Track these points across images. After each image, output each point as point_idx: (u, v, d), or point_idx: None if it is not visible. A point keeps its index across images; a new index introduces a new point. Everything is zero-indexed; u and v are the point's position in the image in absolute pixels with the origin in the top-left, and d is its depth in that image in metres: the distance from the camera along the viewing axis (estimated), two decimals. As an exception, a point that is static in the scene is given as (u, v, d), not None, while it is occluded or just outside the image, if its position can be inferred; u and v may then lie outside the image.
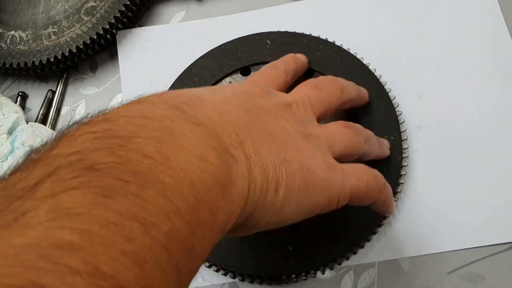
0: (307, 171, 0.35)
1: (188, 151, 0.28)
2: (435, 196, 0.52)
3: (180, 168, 0.27)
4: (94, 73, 0.65)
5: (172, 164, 0.27)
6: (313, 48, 0.57)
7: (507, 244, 0.50)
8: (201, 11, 0.65)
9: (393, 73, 0.57)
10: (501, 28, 0.58)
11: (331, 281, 0.51)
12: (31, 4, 0.64)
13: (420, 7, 0.60)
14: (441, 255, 0.50)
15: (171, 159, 0.27)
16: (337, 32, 0.59)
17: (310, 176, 0.35)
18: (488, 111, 0.55)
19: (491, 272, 0.49)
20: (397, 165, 0.51)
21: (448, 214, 0.51)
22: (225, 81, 0.58)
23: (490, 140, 0.53)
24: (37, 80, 0.66)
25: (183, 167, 0.27)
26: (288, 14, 0.62)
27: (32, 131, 0.54)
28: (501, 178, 0.52)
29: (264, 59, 0.57)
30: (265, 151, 0.34)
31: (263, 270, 0.49)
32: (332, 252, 0.48)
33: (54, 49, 0.60)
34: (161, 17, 0.66)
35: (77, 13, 0.61)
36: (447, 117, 0.55)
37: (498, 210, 0.51)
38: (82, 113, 0.62)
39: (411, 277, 0.50)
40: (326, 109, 0.45)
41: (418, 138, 0.54)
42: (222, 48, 0.59)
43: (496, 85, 0.56)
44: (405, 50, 0.59)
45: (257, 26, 0.61)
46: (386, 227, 0.51)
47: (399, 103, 0.55)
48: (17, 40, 0.61)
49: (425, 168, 0.53)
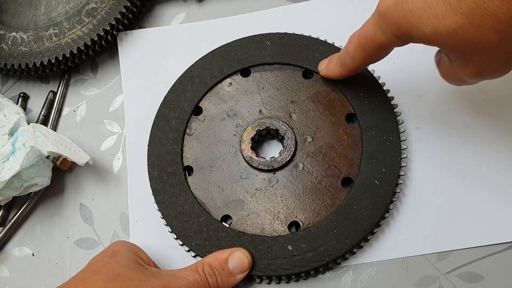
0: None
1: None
2: (434, 196, 0.52)
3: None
4: (95, 74, 0.65)
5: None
6: (313, 49, 0.57)
7: (506, 244, 0.50)
8: (201, 13, 0.66)
9: (392, 74, 0.57)
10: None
11: (331, 280, 0.51)
12: (32, 6, 0.64)
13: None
14: (440, 255, 0.50)
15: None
16: (336, 34, 0.59)
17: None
18: (488, 111, 0.55)
19: (490, 271, 0.49)
20: (396, 165, 0.51)
21: (447, 214, 0.51)
22: (225, 82, 0.58)
23: (489, 140, 0.54)
24: (38, 81, 0.66)
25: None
26: (288, 16, 0.63)
27: (33, 132, 0.54)
28: (500, 178, 0.52)
29: (264, 60, 0.58)
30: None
31: (263, 269, 0.49)
32: (332, 252, 0.49)
33: (55, 50, 0.61)
34: (161, 19, 0.67)
35: (78, 14, 0.62)
36: (446, 117, 0.55)
37: (497, 210, 0.51)
38: (83, 114, 0.63)
39: (410, 276, 0.50)
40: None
41: (417, 139, 0.55)
42: (222, 49, 0.59)
43: (495, 85, 0.56)
44: (404, 51, 0.59)
45: (257, 28, 0.61)
46: (385, 228, 0.51)
47: (398, 103, 0.56)
48: (18, 41, 0.62)
49: (424, 169, 0.53)
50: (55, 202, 0.59)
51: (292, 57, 0.57)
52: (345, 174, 0.52)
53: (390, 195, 0.50)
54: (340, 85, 0.55)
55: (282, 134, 0.54)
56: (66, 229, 0.58)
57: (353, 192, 0.50)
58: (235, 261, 0.48)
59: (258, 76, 0.58)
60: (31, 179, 0.55)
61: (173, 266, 0.53)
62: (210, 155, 0.55)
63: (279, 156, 0.53)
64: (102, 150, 0.61)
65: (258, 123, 0.55)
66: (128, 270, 0.46)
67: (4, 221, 0.59)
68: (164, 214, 0.53)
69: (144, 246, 0.53)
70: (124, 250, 0.49)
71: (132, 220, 0.56)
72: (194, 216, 0.52)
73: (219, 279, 0.47)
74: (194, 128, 0.56)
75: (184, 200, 0.53)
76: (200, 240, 0.51)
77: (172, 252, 0.54)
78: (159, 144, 0.56)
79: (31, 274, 0.56)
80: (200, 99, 0.57)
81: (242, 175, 0.53)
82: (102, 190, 0.59)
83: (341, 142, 0.53)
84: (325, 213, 0.51)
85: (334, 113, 0.54)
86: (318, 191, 0.51)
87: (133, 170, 0.58)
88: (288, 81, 0.57)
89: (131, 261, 0.47)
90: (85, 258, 0.55)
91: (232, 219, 0.52)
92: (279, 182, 0.52)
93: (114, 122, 0.62)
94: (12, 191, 0.55)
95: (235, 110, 0.56)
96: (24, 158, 0.52)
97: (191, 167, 0.55)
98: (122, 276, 0.45)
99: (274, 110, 0.56)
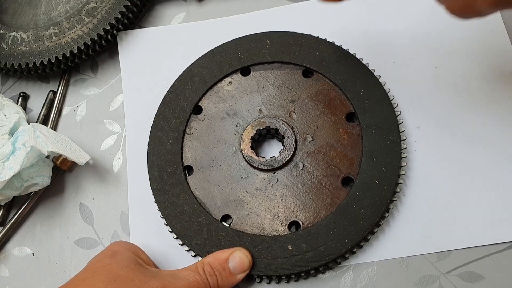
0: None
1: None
2: (434, 196, 0.52)
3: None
4: (95, 73, 0.65)
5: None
6: (313, 48, 0.57)
7: (506, 244, 0.50)
8: (201, 12, 0.66)
9: (392, 73, 0.57)
10: (500, 28, 0.58)
11: (331, 280, 0.51)
12: (32, 6, 0.64)
13: (419, 8, 0.60)
14: (440, 255, 0.50)
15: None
16: (336, 32, 0.59)
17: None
18: (487, 111, 0.55)
19: (490, 271, 0.49)
20: (396, 165, 0.51)
21: (447, 214, 0.51)
22: (225, 81, 0.58)
23: (489, 140, 0.54)
24: (38, 81, 0.66)
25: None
26: (288, 15, 0.63)
27: (34, 132, 0.54)
28: (500, 178, 0.52)
29: (264, 59, 0.58)
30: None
31: (263, 269, 0.49)
32: (332, 251, 0.49)
33: (55, 50, 0.61)
34: (161, 18, 0.66)
35: (78, 14, 0.62)
36: (446, 117, 0.55)
37: (497, 210, 0.51)
38: (83, 113, 0.63)
39: (410, 276, 0.50)
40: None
41: (417, 138, 0.55)
42: (222, 48, 0.59)
43: (495, 85, 0.56)
44: (404, 50, 0.59)
45: (257, 28, 0.61)
46: (385, 227, 0.51)
47: (398, 103, 0.56)
48: (19, 41, 0.62)
49: (424, 168, 0.53)
50: (55, 202, 0.59)
51: (292, 56, 0.57)
52: (345, 173, 0.52)
53: (390, 194, 0.50)
54: (340, 84, 0.55)
55: (282, 133, 0.54)
56: (66, 228, 0.58)
57: (353, 191, 0.50)
58: (235, 261, 0.48)
59: (258, 75, 0.58)
60: (31, 179, 0.55)
61: (173, 265, 0.53)
62: (210, 154, 0.55)
63: (279, 155, 0.53)
64: (102, 149, 0.61)
65: (258, 122, 0.55)
66: (128, 271, 0.46)
67: (4, 220, 0.59)
68: (164, 213, 0.53)
69: (144, 245, 0.53)
70: (124, 250, 0.49)
71: (132, 220, 0.56)
72: (194, 216, 0.52)
73: (220, 279, 0.47)
74: (194, 128, 0.56)
75: (184, 200, 0.53)
76: (200, 240, 0.51)
77: (172, 251, 0.54)
78: (159, 143, 0.56)
79: (31, 274, 0.56)
80: (200, 98, 0.57)
81: (242, 174, 0.53)
82: (102, 190, 0.59)
83: (341, 141, 0.53)
84: (325, 213, 0.50)
85: (334, 112, 0.54)
86: (318, 190, 0.51)
87: (133, 169, 0.58)
88: (288, 80, 0.57)
89: (131, 262, 0.47)
90: (85, 258, 0.55)
91: (232, 219, 0.52)
92: (279, 181, 0.52)
93: (114, 122, 0.62)
94: (12, 190, 0.55)
95: (235, 109, 0.56)
96: (24, 158, 0.52)
97: (191, 167, 0.55)
98: (122, 277, 0.45)
99: (274, 109, 0.56)
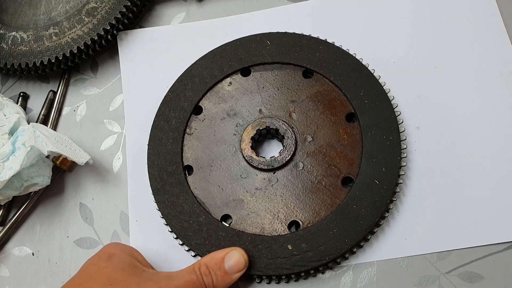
0: None
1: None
2: (434, 196, 0.52)
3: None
4: (95, 73, 0.65)
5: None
6: (313, 48, 0.57)
7: (506, 244, 0.50)
8: (201, 13, 0.66)
9: (392, 74, 0.57)
10: (499, 28, 0.58)
11: (330, 280, 0.51)
12: (32, 5, 0.64)
13: (419, 9, 0.60)
14: (440, 255, 0.50)
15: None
16: (336, 33, 0.60)
17: None
18: (487, 111, 0.55)
19: (489, 271, 0.49)
20: (396, 165, 0.51)
21: (446, 214, 0.51)
22: (225, 81, 0.58)
23: (489, 140, 0.54)
24: (38, 81, 0.66)
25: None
26: (288, 16, 0.63)
27: (33, 132, 0.54)
28: (500, 178, 0.52)
29: (264, 59, 0.58)
30: None
31: (263, 269, 0.49)
32: (332, 251, 0.49)
33: (55, 49, 0.61)
34: (161, 18, 0.67)
35: (78, 14, 0.62)
36: (446, 117, 0.55)
37: (497, 210, 0.51)
38: (83, 113, 0.63)
39: (410, 276, 0.50)
40: None
41: (417, 138, 0.55)
42: (222, 48, 0.59)
43: (494, 85, 0.56)
44: (404, 50, 0.59)
45: (257, 27, 0.61)
46: (385, 227, 0.51)
47: (398, 103, 0.56)
48: (18, 41, 0.62)
49: (424, 168, 0.53)
50: (55, 202, 0.59)
51: (292, 56, 0.57)
52: (345, 173, 0.52)
53: (390, 194, 0.50)
54: (340, 84, 0.55)
55: (282, 133, 0.54)
56: (66, 228, 0.58)
57: (353, 191, 0.50)
58: (231, 260, 0.48)
59: (258, 75, 0.58)
60: (31, 179, 0.55)
61: (173, 265, 0.53)
62: (210, 154, 0.55)
63: (279, 155, 0.53)
64: (102, 149, 0.61)
65: (258, 122, 0.55)
66: (124, 274, 0.45)
67: (4, 220, 0.59)
68: (164, 213, 0.53)
69: (144, 245, 0.53)
70: (120, 253, 0.48)
71: (132, 220, 0.56)
72: (194, 216, 0.52)
73: (215, 278, 0.47)
74: (194, 128, 0.56)
75: (184, 200, 0.53)
76: (200, 240, 0.51)
77: (172, 251, 0.54)
78: (159, 143, 0.56)
79: (31, 274, 0.56)
80: (200, 99, 0.57)
81: (242, 174, 0.53)
82: (102, 190, 0.59)
83: (341, 141, 0.53)
84: (325, 213, 0.50)
85: (334, 113, 0.54)
86: (318, 190, 0.51)
87: (133, 169, 0.58)
88: (288, 81, 0.57)
89: (127, 265, 0.47)
90: (85, 258, 0.55)
91: (232, 219, 0.52)
92: (279, 181, 0.52)
93: (114, 122, 0.62)
94: (12, 190, 0.55)
95: (235, 109, 0.56)
96: (24, 158, 0.52)
97: (191, 167, 0.55)
98: (119, 281, 0.44)
99: (274, 110, 0.56)
